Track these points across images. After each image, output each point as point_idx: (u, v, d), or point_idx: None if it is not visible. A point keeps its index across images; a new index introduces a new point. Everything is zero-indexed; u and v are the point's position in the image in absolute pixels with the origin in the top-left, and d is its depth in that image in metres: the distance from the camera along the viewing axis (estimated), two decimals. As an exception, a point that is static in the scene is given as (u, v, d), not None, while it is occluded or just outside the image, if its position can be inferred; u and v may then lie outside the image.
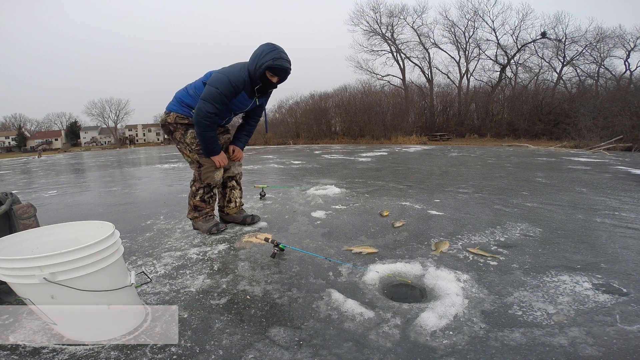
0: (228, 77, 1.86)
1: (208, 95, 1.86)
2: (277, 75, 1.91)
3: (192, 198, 2.14)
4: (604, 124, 13.69)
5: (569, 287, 1.36)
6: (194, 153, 2.05)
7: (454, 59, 26.61)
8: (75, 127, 67.87)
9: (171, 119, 2.06)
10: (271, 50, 1.84)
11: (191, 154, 2.06)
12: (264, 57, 1.83)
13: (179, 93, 2.08)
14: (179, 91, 2.09)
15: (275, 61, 1.82)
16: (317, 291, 1.38)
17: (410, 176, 4.75)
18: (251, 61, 1.89)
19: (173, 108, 2.06)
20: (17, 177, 8.20)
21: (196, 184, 2.13)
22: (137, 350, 1.04)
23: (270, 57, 1.82)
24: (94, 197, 4.10)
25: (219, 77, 1.88)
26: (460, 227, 2.20)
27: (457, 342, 1.03)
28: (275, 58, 1.82)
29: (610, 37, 21.35)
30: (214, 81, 1.88)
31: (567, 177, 4.50)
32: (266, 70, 1.86)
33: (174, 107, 2.06)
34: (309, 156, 9.54)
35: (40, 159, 22.47)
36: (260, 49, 1.87)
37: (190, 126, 2.06)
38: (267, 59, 1.82)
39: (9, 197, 1.45)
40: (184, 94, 2.06)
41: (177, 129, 2.06)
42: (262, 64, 1.83)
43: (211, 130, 1.93)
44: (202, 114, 1.86)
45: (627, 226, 2.17)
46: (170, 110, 2.07)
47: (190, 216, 2.20)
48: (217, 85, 1.86)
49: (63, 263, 0.95)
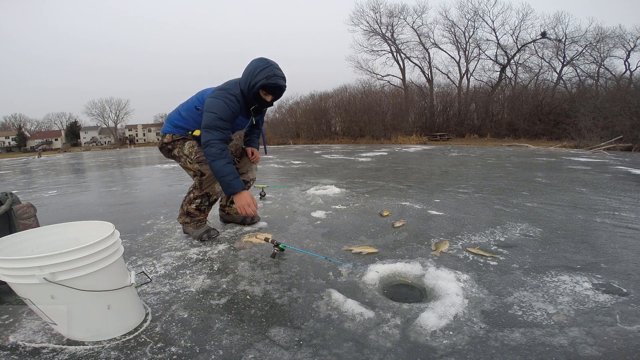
0: (224, 101, 1.77)
1: (209, 122, 1.75)
2: (271, 93, 1.84)
3: (188, 204, 2.06)
4: (604, 124, 13.70)
5: (569, 287, 1.36)
6: (194, 163, 1.94)
7: (454, 59, 26.63)
8: (75, 127, 67.93)
9: (167, 139, 2.01)
10: (264, 67, 1.75)
11: (192, 164, 1.95)
12: (257, 75, 1.74)
13: (172, 116, 2.03)
14: (171, 114, 2.04)
15: (269, 80, 1.73)
16: (317, 291, 1.38)
17: (410, 176, 4.75)
18: (244, 79, 1.81)
19: (167, 130, 2.02)
20: (17, 177, 8.20)
21: (195, 192, 2.03)
22: (137, 350, 1.04)
23: (264, 75, 1.73)
24: (94, 197, 4.10)
25: (215, 102, 1.78)
26: (460, 227, 2.20)
27: (457, 342, 1.03)
28: (269, 76, 1.73)
29: (610, 37, 21.37)
30: (211, 107, 1.78)
31: (567, 177, 4.50)
32: (260, 89, 1.79)
33: (169, 129, 2.01)
34: (309, 156, 9.54)
35: (40, 159, 22.47)
36: (252, 66, 1.78)
37: (186, 140, 1.99)
38: (261, 78, 1.74)
39: (9, 197, 1.45)
40: (176, 116, 2.00)
41: (175, 145, 2.00)
42: (256, 82, 1.75)
43: (222, 157, 1.73)
44: (208, 143, 1.73)
45: (627, 226, 2.17)
46: (165, 132, 2.04)
47: (181, 220, 2.11)
48: (214, 110, 1.76)
49: (63, 263, 0.95)
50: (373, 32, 27.37)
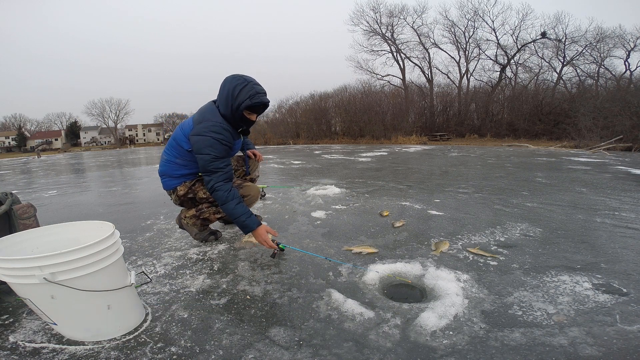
0: (213, 137, 1.64)
1: (206, 166, 1.64)
2: (255, 112, 1.76)
3: (213, 214, 1.95)
4: (604, 124, 13.70)
5: (569, 287, 1.36)
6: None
7: (454, 59, 26.62)
8: (75, 127, 67.95)
9: (182, 191, 1.90)
10: (244, 86, 1.64)
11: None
12: (239, 95, 1.63)
13: (169, 168, 1.88)
14: (167, 166, 1.89)
15: (253, 99, 1.64)
16: (317, 291, 1.38)
17: (410, 176, 4.75)
18: (224, 102, 1.68)
19: (176, 183, 1.90)
20: (17, 177, 8.20)
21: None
22: (137, 350, 1.04)
23: (246, 94, 1.63)
24: (94, 197, 4.10)
25: (203, 140, 1.64)
26: (460, 227, 2.20)
27: (457, 342, 1.03)
28: (251, 95, 1.63)
29: (610, 37, 21.37)
30: (202, 148, 1.64)
31: (567, 177, 4.50)
32: (244, 110, 1.69)
33: (173, 183, 1.90)
34: (309, 156, 9.54)
35: (40, 159, 22.47)
36: (230, 86, 1.65)
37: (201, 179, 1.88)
38: (244, 98, 1.63)
39: (9, 197, 1.45)
40: (174, 167, 1.86)
41: (196, 190, 1.90)
42: (240, 104, 1.64)
43: (232, 199, 1.64)
44: (214, 188, 1.64)
45: (627, 226, 2.17)
46: (174, 186, 1.91)
47: (188, 219, 1.99)
48: (207, 152, 1.63)
49: (63, 263, 0.95)
50: (373, 32, 27.38)
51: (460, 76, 26.19)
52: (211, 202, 1.93)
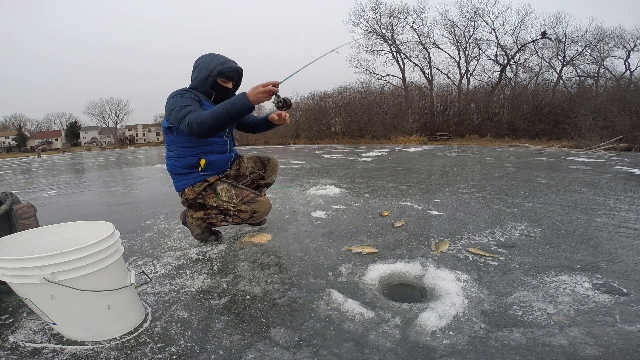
0: (174, 97, 1.67)
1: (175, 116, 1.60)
2: (229, 78, 1.77)
3: (220, 221, 1.92)
4: (604, 124, 13.71)
5: (569, 287, 1.36)
6: (241, 205, 1.79)
7: (454, 59, 26.66)
8: (75, 127, 67.97)
9: (190, 194, 1.86)
10: (214, 57, 1.71)
11: (239, 206, 1.80)
12: (209, 65, 1.70)
13: (169, 168, 1.89)
14: (168, 164, 1.89)
15: (224, 65, 1.70)
16: (317, 291, 1.38)
17: (410, 176, 4.75)
18: (194, 76, 1.75)
19: (180, 184, 1.88)
20: (17, 177, 8.20)
21: (234, 219, 1.89)
22: (137, 350, 1.04)
23: (217, 62, 1.70)
24: (94, 197, 4.10)
25: (168, 103, 1.67)
26: (460, 227, 2.20)
27: (457, 342, 1.03)
28: (222, 62, 1.70)
29: (610, 37, 21.40)
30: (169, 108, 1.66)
31: (567, 177, 4.50)
32: (218, 78, 1.73)
33: (181, 183, 1.87)
34: (309, 156, 9.54)
35: (40, 159, 22.46)
36: (201, 61, 1.74)
37: (212, 184, 1.85)
38: (215, 65, 1.69)
39: (9, 197, 1.45)
40: (173, 163, 1.85)
41: (206, 196, 1.86)
42: (211, 71, 1.70)
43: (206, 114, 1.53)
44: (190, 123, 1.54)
45: (627, 226, 2.17)
46: (180, 189, 1.89)
47: (194, 220, 1.96)
48: (172, 106, 1.63)
49: (63, 263, 0.95)
50: (373, 32, 27.42)
51: (460, 76, 26.24)
52: (220, 211, 1.89)
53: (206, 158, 1.84)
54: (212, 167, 1.88)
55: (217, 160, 1.91)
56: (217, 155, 1.90)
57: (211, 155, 1.87)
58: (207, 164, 1.84)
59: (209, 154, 1.86)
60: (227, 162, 2.00)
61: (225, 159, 1.98)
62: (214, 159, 1.88)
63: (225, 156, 1.97)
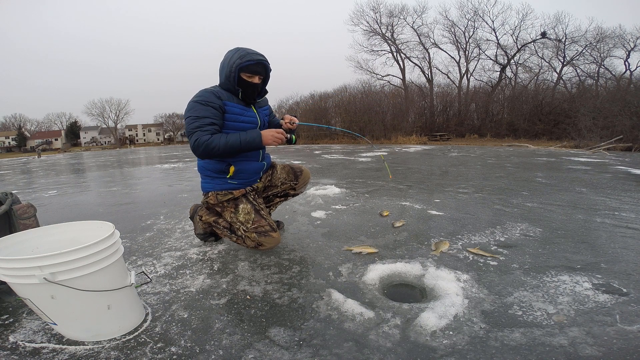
0: (194, 101, 1.64)
1: (187, 128, 1.62)
2: (253, 73, 1.68)
3: (224, 235, 1.87)
4: (604, 124, 13.70)
5: (569, 287, 1.36)
6: (251, 232, 1.72)
7: (454, 59, 26.65)
8: (75, 127, 67.99)
9: (212, 200, 1.81)
10: (236, 52, 1.66)
11: (249, 233, 1.73)
12: (230, 61, 1.65)
13: (199, 166, 1.86)
14: (198, 163, 1.87)
15: (243, 59, 1.62)
16: (317, 291, 1.38)
17: (410, 176, 4.75)
18: (220, 73, 1.71)
19: (207, 187, 1.83)
20: (17, 177, 8.20)
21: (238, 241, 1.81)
22: (137, 350, 1.04)
23: (237, 57, 1.64)
24: (94, 197, 4.10)
25: (187, 106, 1.66)
26: (460, 227, 2.20)
27: (457, 342, 1.03)
28: (242, 56, 1.63)
29: (610, 37, 21.39)
30: (186, 113, 1.66)
31: (567, 177, 4.50)
32: (240, 73, 1.66)
33: (208, 186, 1.83)
34: (309, 156, 9.54)
35: (40, 159, 22.47)
36: (225, 57, 1.69)
37: (237, 200, 1.79)
38: (234, 61, 1.63)
39: (9, 197, 1.46)
40: (203, 165, 1.83)
41: (225, 208, 1.80)
42: (232, 68, 1.64)
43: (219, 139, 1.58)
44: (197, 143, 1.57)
45: (627, 226, 2.17)
46: (206, 190, 1.84)
47: (202, 222, 1.94)
48: (188, 114, 1.62)
49: (63, 263, 0.95)
50: (373, 32, 27.41)
51: (460, 76, 26.23)
52: (230, 226, 1.82)
53: (236, 165, 1.77)
54: (240, 176, 1.80)
55: (247, 169, 1.82)
56: (248, 164, 1.82)
57: (242, 163, 1.79)
58: (236, 171, 1.77)
59: (240, 162, 1.79)
60: (259, 171, 1.91)
61: (257, 167, 1.88)
62: (245, 167, 1.80)
63: (257, 165, 1.88)
